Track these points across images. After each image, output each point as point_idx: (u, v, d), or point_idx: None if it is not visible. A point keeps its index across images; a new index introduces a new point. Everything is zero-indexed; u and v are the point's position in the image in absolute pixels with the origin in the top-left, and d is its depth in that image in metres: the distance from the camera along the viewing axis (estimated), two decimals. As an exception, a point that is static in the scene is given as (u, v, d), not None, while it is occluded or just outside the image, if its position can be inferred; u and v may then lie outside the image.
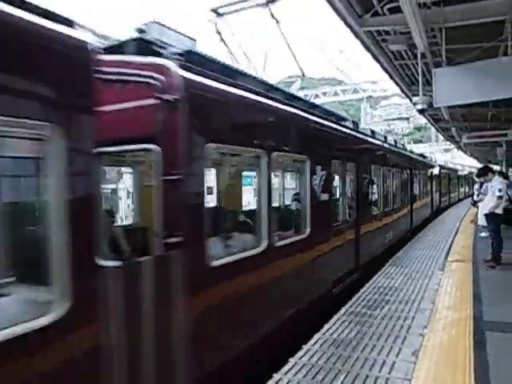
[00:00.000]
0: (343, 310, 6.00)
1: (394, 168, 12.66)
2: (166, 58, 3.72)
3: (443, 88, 8.14)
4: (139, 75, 3.52)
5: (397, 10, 7.27)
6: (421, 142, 58.92)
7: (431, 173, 21.46)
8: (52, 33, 2.45)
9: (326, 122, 7.37)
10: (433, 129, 33.48)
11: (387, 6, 7.70)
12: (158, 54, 3.77)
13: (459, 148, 34.00)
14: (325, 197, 6.67)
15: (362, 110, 35.37)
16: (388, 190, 11.90)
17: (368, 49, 9.66)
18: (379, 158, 11.09)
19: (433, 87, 8.25)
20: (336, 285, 7.14)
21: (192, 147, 3.69)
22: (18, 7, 2.31)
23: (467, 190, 42.58)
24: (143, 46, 3.83)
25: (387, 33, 8.89)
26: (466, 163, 48.61)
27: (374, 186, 10.37)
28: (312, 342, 4.82)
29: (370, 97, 30.45)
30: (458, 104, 10.34)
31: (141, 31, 4.21)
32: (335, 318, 5.66)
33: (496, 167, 21.90)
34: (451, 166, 38.22)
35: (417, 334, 4.93)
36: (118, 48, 3.77)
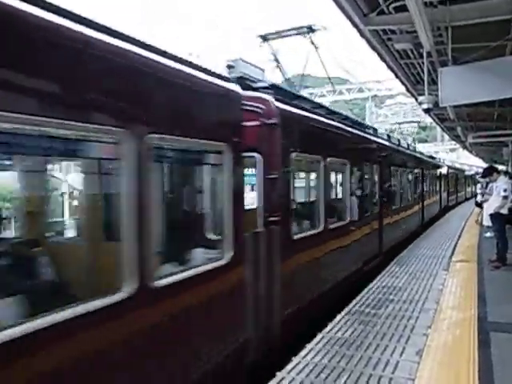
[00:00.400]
0: (347, 309, 6.01)
1: (408, 168, 14.25)
2: (260, 91, 5.49)
3: (449, 87, 8.10)
4: (249, 105, 4.97)
5: (403, 8, 7.23)
6: (426, 141, 58.62)
7: (440, 173, 22.73)
8: (233, 92, 4.32)
9: (358, 132, 9.03)
10: (438, 128, 33.32)
11: (393, 5, 7.64)
12: (252, 88, 5.47)
13: (465, 148, 33.81)
14: (358, 192, 8.40)
15: (367, 109, 35.28)
16: (403, 188, 13.51)
17: (373, 48, 9.61)
18: (395, 160, 12.59)
19: (438, 86, 8.22)
20: (365, 264, 8.61)
21: (283, 156, 5.36)
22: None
23: (474, 189, 42.52)
24: (242, 81, 5.23)
25: (393, 32, 8.84)
26: (472, 163, 48.33)
27: (392, 185, 12.00)
28: (315, 340, 4.83)
29: (375, 96, 30.39)
30: (463, 103, 10.28)
31: (230, 67, 5.69)
32: (339, 316, 5.67)
33: (502, 167, 21.80)
34: (458, 166, 39.13)
35: (421, 334, 4.93)
36: None
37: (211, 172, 4.78)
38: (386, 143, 11.94)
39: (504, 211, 8.57)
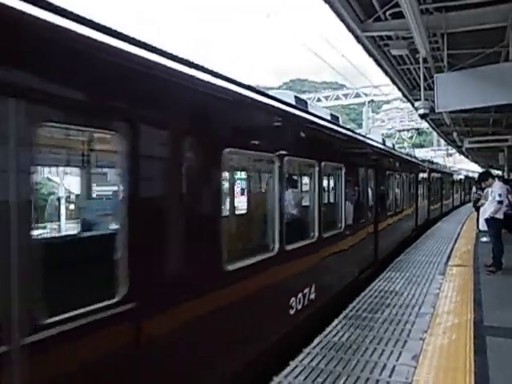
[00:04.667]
0: (344, 313, 6.02)
1: (449, 180, 28.87)
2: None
3: (445, 93, 8.17)
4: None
5: (399, 15, 7.31)
6: (422, 146, 58.81)
7: (459, 179, 36.08)
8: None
9: (441, 168, 27.13)
10: (435, 133, 33.54)
11: (390, 12, 7.73)
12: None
13: (461, 153, 34.05)
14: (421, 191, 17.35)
15: (363, 114, 35.42)
16: (448, 190, 28.49)
17: (370, 53, 9.69)
18: (454, 178, 31.11)
19: (434, 92, 8.29)
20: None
21: (429, 176, 19.80)
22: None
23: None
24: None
25: (389, 38, 8.93)
26: (470, 168, 49.07)
27: (448, 188, 27.92)
28: (313, 344, 4.83)
29: (372, 101, 30.56)
30: (459, 109, 10.36)
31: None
32: (336, 321, 5.68)
33: (498, 172, 21.95)
34: (471, 174, 48.25)
35: (417, 338, 4.94)
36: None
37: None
38: (446, 170, 29.01)
39: (499, 216, 8.61)
